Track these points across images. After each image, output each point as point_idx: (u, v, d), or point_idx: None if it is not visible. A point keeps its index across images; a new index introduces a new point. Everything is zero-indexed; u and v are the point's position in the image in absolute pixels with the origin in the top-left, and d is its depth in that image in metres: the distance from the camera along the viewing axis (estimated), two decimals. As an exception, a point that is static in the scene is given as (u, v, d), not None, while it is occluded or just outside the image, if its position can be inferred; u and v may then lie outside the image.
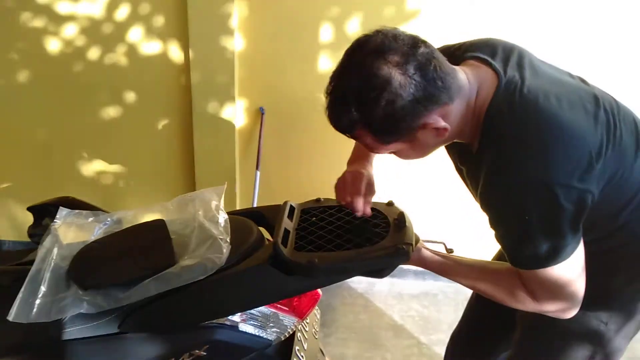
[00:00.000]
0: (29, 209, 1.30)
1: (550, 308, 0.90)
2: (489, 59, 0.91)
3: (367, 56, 0.80)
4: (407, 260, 0.94)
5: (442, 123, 0.83)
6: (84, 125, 2.45)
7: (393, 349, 2.12)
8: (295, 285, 0.95)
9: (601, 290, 0.95)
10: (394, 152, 0.92)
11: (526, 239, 0.84)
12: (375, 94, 0.79)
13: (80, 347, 0.94)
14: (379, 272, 0.96)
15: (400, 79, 0.78)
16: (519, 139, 0.83)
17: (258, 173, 2.33)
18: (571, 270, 0.85)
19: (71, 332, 0.95)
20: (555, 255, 0.83)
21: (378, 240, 0.96)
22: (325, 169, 2.44)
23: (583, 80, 0.97)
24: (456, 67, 0.87)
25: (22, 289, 0.93)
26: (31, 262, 1.01)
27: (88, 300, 0.93)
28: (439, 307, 2.40)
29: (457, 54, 0.96)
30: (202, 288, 0.93)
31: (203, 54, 2.22)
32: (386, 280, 2.66)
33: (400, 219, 1.01)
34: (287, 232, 1.02)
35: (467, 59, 0.94)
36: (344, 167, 1.10)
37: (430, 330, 2.23)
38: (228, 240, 1.00)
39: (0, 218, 2.67)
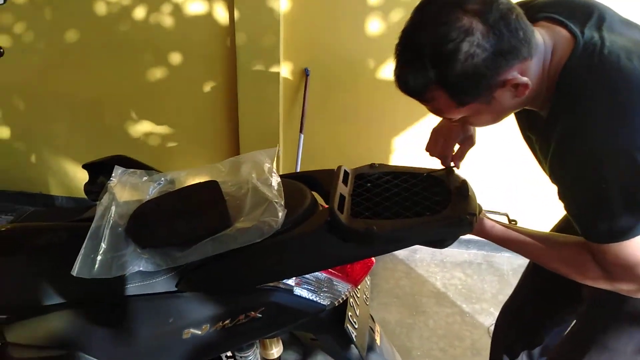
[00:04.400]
0: (84, 166, 1.31)
1: (623, 286, 0.84)
2: (565, 20, 0.84)
3: (443, 7, 0.74)
4: (470, 231, 0.90)
5: (524, 79, 0.77)
6: (131, 85, 2.47)
7: (435, 316, 2.10)
8: (352, 252, 0.93)
9: None
10: (466, 118, 0.86)
11: (603, 211, 0.78)
12: (454, 46, 0.73)
13: (138, 304, 0.96)
14: (440, 242, 0.93)
15: (482, 29, 0.73)
16: (597, 101, 0.77)
17: (302, 136, 2.29)
18: None
19: (130, 288, 0.96)
20: (633, 227, 0.78)
21: (439, 210, 0.92)
22: (371, 135, 2.39)
23: None
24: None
25: (84, 245, 0.95)
26: (90, 219, 1.03)
27: (146, 258, 0.94)
28: (483, 276, 2.36)
29: (529, 13, 0.87)
30: (258, 251, 0.92)
31: (248, 14, 2.17)
32: (427, 247, 2.62)
33: (463, 187, 0.96)
34: (342, 197, 0.99)
35: (540, 20, 0.86)
36: (389, 131, 1.05)
37: (473, 299, 2.20)
38: (282, 203, 0.98)
39: (53, 174, 2.77)
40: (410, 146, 2.30)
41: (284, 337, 1.24)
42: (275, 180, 1.07)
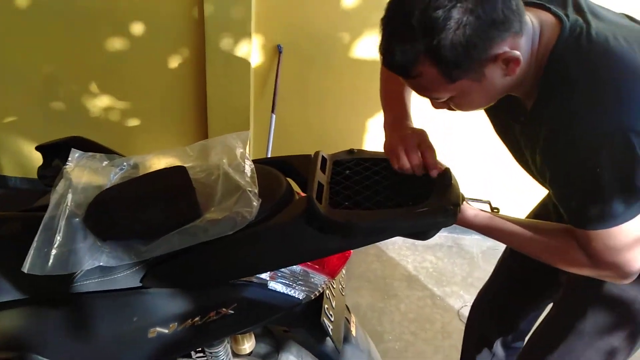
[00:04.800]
0: (38, 148, 1.20)
1: (608, 272, 0.83)
2: (547, 4, 0.82)
3: None
4: (454, 222, 0.87)
5: (516, 52, 0.73)
6: (90, 58, 2.30)
7: (407, 299, 2.11)
8: (331, 244, 0.88)
9: None
10: (455, 97, 0.82)
11: (595, 196, 0.76)
12: (445, 13, 0.68)
13: (99, 301, 0.89)
14: (423, 233, 0.89)
15: None
16: (590, 84, 0.74)
17: (274, 116, 2.21)
18: (637, 229, 0.78)
19: (89, 284, 0.89)
20: (623, 213, 0.76)
21: (421, 200, 0.88)
22: (347, 114, 2.33)
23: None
24: None
25: (37, 238, 0.86)
26: (43, 208, 0.94)
27: (107, 252, 0.86)
28: (454, 259, 2.37)
29: None
30: (230, 244, 0.86)
31: (217, -17, 2.05)
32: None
33: (446, 176, 0.92)
34: (320, 186, 0.93)
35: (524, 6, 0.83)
36: (367, 112, 1.00)
37: (444, 282, 2.22)
38: (256, 192, 0.92)
39: (5, 154, 2.59)
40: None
41: (256, 331, 1.19)
42: (248, 166, 1.00)
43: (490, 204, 1.00)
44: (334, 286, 1.12)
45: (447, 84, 0.76)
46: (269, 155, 2.27)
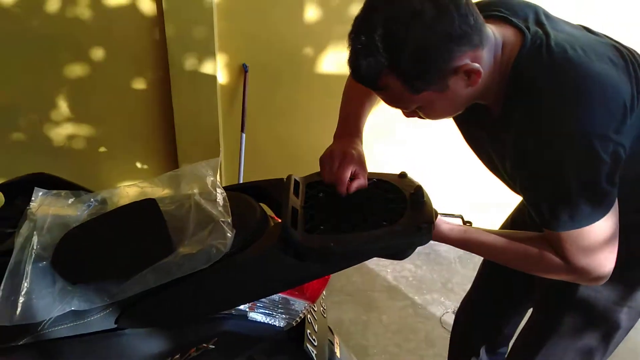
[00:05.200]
0: (-1, 187, 1.16)
1: (582, 275, 0.85)
2: (509, 17, 0.86)
3: None
4: (429, 240, 0.87)
5: (476, 65, 0.77)
6: (49, 85, 2.24)
7: (389, 310, 2.11)
8: (308, 271, 0.87)
9: (623, 264, 0.91)
10: (422, 108, 0.86)
11: (564, 198, 0.79)
12: (405, 30, 0.73)
13: (73, 346, 0.86)
14: (401, 253, 0.89)
15: (433, 13, 0.72)
16: (552, 91, 0.78)
17: (243, 135, 2.20)
18: (607, 230, 0.81)
19: (61, 330, 0.85)
20: (592, 213, 0.79)
21: (396, 219, 0.88)
22: (317, 129, 2.31)
23: (596, 32, 0.92)
24: None
25: (2, 286, 0.83)
26: (7, 253, 0.90)
27: (78, 296, 0.83)
28: (432, 266, 2.39)
29: None
30: (206, 278, 0.84)
31: (177, 4, 2.02)
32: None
33: (418, 193, 0.93)
34: (295, 211, 0.92)
35: (485, 19, 0.85)
36: (335, 127, 1.01)
37: (424, 290, 2.23)
38: (230, 222, 0.90)
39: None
40: (390, 147, 2.26)
41: None
42: (220, 195, 0.99)
43: (462, 217, 1.02)
44: (315, 309, 1.11)
45: (411, 95, 0.80)
46: (241, 175, 2.25)
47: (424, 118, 0.90)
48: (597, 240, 0.81)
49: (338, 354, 1.14)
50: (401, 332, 1.98)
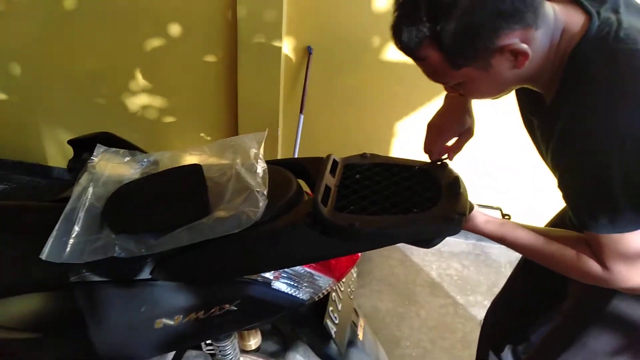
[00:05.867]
0: (70, 142, 1.27)
1: (622, 281, 0.80)
2: None
3: None
4: (458, 231, 0.86)
5: (523, 46, 0.72)
6: (130, 57, 2.41)
7: (427, 306, 2.08)
8: (334, 248, 0.88)
9: None
10: (462, 85, 0.81)
11: (605, 199, 0.74)
12: (452, 1, 0.69)
13: (111, 290, 0.93)
14: (427, 241, 0.88)
15: None
16: (610, 84, 0.72)
17: (302, 117, 2.23)
18: None
19: (103, 273, 0.93)
20: (634, 219, 0.74)
21: (428, 207, 0.87)
22: (374, 119, 2.32)
23: None
24: None
25: (56, 228, 0.91)
26: (68, 199, 0.99)
27: (119, 244, 0.90)
28: (480, 268, 2.32)
29: None
30: (235, 242, 0.88)
31: (250, -15, 2.09)
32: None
33: (455, 184, 0.91)
34: (328, 189, 0.94)
35: None
36: (393, 115, 1.01)
37: (468, 291, 2.17)
38: (265, 192, 0.94)
39: (51, 145, 2.74)
40: (415, 134, 2.23)
41: (263, 328, 1.21)
42: (260, 167, 1.02)
43: (501, 210, 0.98)
44: (342, 289, 1.13)
45: (452, 70, 0.76)
46: (296, 154, 2.30)
47: (465, 95, 0.87)
48: (638, 248, 0.76)
49: (360, 337, 1.16)
50: (437, 329, 1.95)
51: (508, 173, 2.24)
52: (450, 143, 1.06)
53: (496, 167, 2.25)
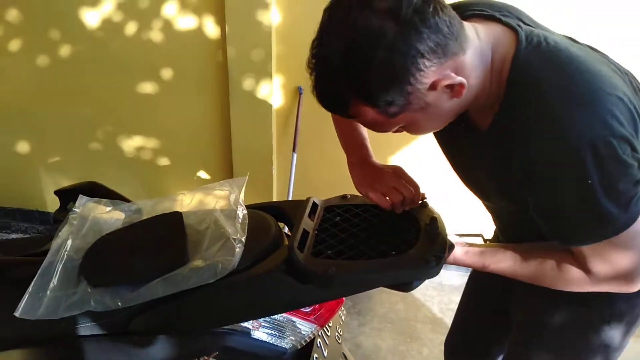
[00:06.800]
0: (55, 192, 1.28)
1: (608, 286, 0.79)
2: (496, 14, 0.77)
3: (349, 10, 0.65)
4: (437, 274, 0.84)
5: (458, 78, 0.68)
6: (124, 101, 2.45)
7: (430, 343, 2.02)
8: (311, 295, 0.86)
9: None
10: (405, 127, 0.78)
11: (592, 209, 0.70)
12: (367, 52, 0.64)
13: (88, 344, 0.91)
14: (406, 285, 0.86)
15: (395, 29, 0.62)
16: (565, 89, 0.68)
17: (295, 156, 2.25)
18: (635, 239, 0.73)
19: (80, 328, 0.92)
20: (621, 221, 0.70)
21: (406, 249, 0.86)
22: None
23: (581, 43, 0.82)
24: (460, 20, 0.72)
25: (33, 283, 0.90)
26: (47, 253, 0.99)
27: (95, 298, 0.89)
28: (482, 301, 2.26)
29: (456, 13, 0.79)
30: (211, 292, 0.87)
31: (239, 28, 2.14)
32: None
33: (433, 224, 0.90)
34: (306, 233, 0.93)
35: (468, 18, 0.79)
36: (387, 151, 1.00)
37: (471, 325, 2.11)
38: (243, 240, 0.93)
39: (49, 192, 2.77)
40: (410, 168, 2.22)
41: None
42: (241, 213, 1.02)
43: (482, 236, 0.97)
44: (328, 334, 1.10)
45: (389, 119, 0.72)
46: (291, 193, 2.29)
47: (412, 134, 0.84)
48: (624, 252, 0.74)
49: (350, 383, 1.12)
50: (439, 367, 1.89)
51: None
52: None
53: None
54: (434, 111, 0.73)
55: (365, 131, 1.08)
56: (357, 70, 0.66)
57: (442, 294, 2.31)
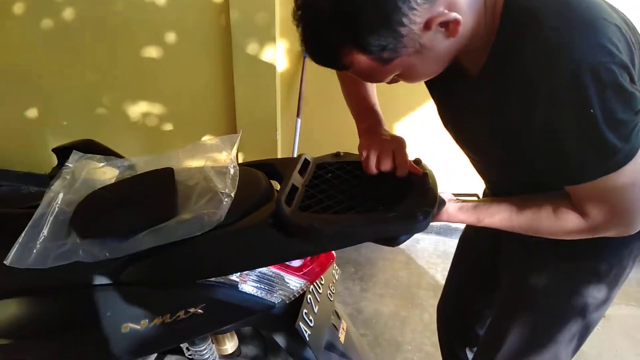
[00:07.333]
0: (54, 150, 1.29)
1: (606, 229, 0.76)
2: None
3: None
4: (425, 228, 0.82)
5: (452, 14, 0.65)
6: (128, 66, 2.44)
7: (432, 309, 2.02)
8: (297, 248, 0.86)
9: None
10: (401, 75, 0.75)
11: (589, 139, 0.67)
12: None
13: (77, 294, 0.93)
14: (392, 240, 0.85)
15: None
16: (559, 15, 0.65)
17: (299, 120, 2.22)
18: (634, 177, 0.70)
19: (69, 278, 0.93)
20: (623, 153, 0.67)
21: (394, 204, 0.84)
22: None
23: None
24: None
25: (23, 234, 0.91)
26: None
27: (83, 249, 0.90)
28: (486, 269, 2.25)
29: None
30: (197, 245, 0.87)
31: (243, -10, 2.09)
32: (431, 237, 2.53)
33: (423, 179, 0.88)
34: (294, 188, 0.92)
35: None
36: (390, 115, 0.97)
37: (473, 293, 2.10)
38: (232, 194, 0.92)
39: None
40: (414, 133, 2.19)
41: (243, 331, 1.19)
42: (232, 169, 1.01)
43: (478, 196, 0.95)
44: (320, 291, 1.10)
45: (383, 66, 0.69)
46: (295, 159, 2.28)
47: (408, 82, 0.80)
48: (625, 188, 0.70)
49: (342, 340, 1.12)
50: (439, 332, 1.89)
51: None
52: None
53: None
54: (430, 53, 0.70)
55: (374, 94, 1.06)
56: (346, 15, 0.63)
57: (446, 261, 2.29)
